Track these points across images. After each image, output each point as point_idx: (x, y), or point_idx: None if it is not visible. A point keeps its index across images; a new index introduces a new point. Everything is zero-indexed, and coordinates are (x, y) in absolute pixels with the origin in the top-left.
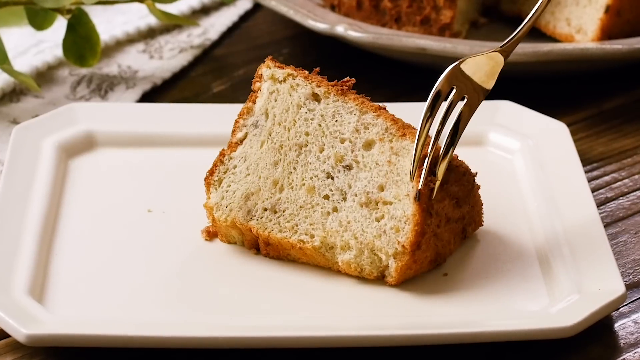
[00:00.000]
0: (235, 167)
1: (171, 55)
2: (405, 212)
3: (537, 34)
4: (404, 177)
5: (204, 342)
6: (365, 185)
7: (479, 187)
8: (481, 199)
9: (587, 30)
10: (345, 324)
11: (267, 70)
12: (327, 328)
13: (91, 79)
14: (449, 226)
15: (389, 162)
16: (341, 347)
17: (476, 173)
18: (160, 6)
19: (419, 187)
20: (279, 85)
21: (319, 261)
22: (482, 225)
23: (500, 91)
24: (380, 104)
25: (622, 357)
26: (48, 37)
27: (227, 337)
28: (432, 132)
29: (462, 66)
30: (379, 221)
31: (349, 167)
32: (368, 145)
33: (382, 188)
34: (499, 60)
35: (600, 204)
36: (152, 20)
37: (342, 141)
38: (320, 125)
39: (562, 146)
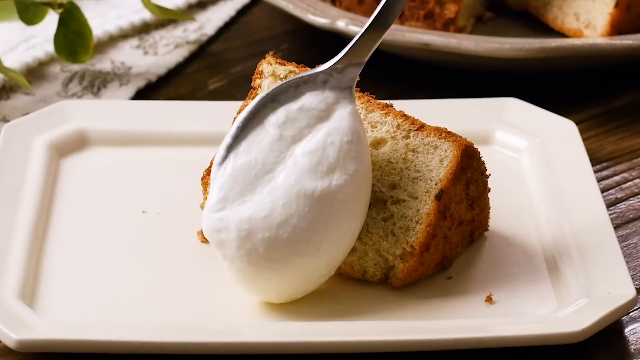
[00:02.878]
0: None
1: (166, 51)
2: (419, 210)
3: (544, 29)
4: (426, 174)
5: (199, 348)
6: (372, 185)
7: (489, 189)
8: (489, 202)
9: (596, 25)
10: (347, 329)
11: (268, 66)
12: (327, 333)
13: (83, 75)
14: (459, 229)
15: (404, 159)
16: (343, 352)
17: (489, 175)
18: (155, 0)
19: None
20: None
21: None
22: (488, 230)
23: (507, 88)
24: (387, 102)
25: None
26: (39, 32)
27: (223, 342)
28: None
29: None
30: (386, 221)
31: None
32: (377, 143)
33: (393, 186)
34: None
35: (610, 204)
36: (146, 15)
37: None
38: None
39: (571, 145)
